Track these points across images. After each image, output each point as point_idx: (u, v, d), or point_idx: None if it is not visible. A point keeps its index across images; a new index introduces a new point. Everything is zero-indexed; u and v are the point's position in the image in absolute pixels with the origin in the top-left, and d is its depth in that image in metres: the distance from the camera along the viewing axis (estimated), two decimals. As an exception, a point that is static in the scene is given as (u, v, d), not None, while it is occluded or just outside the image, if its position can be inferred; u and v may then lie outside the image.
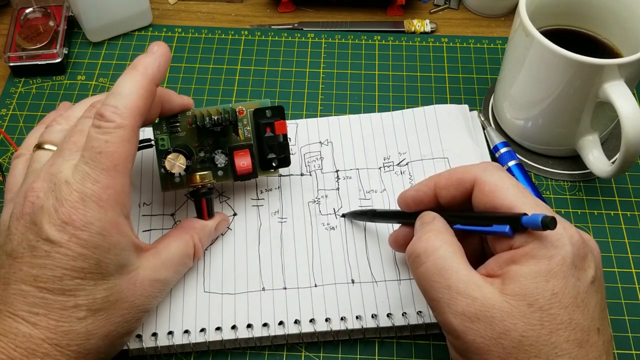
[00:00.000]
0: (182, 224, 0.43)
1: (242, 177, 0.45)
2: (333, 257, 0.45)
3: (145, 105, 0.38)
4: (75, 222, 0.35)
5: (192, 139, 0.44)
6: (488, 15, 0.63)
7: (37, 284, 0.35)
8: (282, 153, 0.45)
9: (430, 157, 0.50)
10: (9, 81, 0.58)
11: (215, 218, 0.45)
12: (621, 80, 0.44)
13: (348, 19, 0.63)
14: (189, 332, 0.42)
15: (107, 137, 0.36)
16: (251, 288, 0.44)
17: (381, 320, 0.42)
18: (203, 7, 0.64)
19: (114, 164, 0.36)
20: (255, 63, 0.59)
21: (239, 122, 0.45)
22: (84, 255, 0.35)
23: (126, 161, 0.37)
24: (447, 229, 0.37)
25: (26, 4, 0.59)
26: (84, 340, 0.35)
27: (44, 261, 0.34)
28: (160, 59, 0.39)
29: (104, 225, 0.35)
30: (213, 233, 0.44)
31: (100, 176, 0.35)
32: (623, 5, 0.48)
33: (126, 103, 0.37)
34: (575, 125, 0.48)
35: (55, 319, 0.35)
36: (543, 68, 0.45)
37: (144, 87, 0.37)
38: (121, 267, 0.37)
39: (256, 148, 0.45)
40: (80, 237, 0.35)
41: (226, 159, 0.44)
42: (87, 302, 0.35)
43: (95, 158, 0.35)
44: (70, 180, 0.35)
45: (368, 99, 0.56)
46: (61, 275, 0.35)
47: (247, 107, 0.45)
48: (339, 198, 0.48)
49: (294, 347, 0.43)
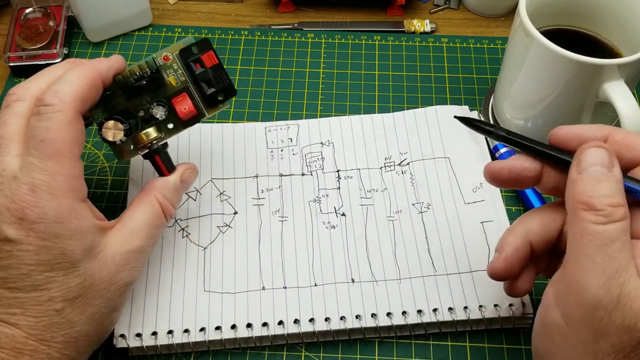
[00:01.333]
0: (144, 188, 0.41)
1: (189, 122, 0.43)
2: (333, 256, 0.45)
3: (88, 93, 0.37)
4: (29, 215, 0.34)
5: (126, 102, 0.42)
6: (488, 15, 0.63)
7: (7, 285, 0.34)
8: (220, 83, 0.43)
9: (431, 157, 0.50)
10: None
11: (177, 171, 0.42)
12: (621, 80, 0.44)
13: (348, 19, 0.63)
14: (188, 332, 0.42)
15: (47, 124, 0.35)
16: (251, 287, 0.44)
17: (381, 320, 0.42)
18: (203, 7, 0.64)
19: (58, 150, 0.35)
20: (255, 63, 0.59)
21: (169, 69, 0.42)
22: (46, 247, 0.34)
23: (71, 145, 0.36)
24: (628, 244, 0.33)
25: (26, 4, 0.59)
26: (68, 330, 0.35)
27: (8, 262, 0.34)
28: (113, 62, 0.40)
29: (59, 213, 0.35)
30: (180, 186, 0.42)
31: (46, 164, 0.35)
32: (623, 5, 0.48)
33: (68, 88, 0.36)
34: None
35: (33, 316, 0.34)
36: (543, 68, 0.45)
37: (89, 77, 0.38)
38: (88, 251, 0.36)
39: (196, 89, 0.43)
40: (37, 229, 0.34)
41: (165, 109, 0.42)
42: (61, 293, 0.35)
43: (38, 147, 0.35)
44: (17, 175, 0.35)
45: (368, 99, 0.56)
46: (28, 272, 0.34)
47: (172, 50, 0.43)
48: (340, 197, 0.48)
49: (294, 347, 0.43)
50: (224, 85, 0.43)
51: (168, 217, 0.41)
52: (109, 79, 0.40)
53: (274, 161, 0.50)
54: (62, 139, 0.35)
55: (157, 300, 0.43)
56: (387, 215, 0.47)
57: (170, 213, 0.41)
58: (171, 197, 0.41)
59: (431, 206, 0.47)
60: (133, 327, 0.42)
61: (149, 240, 0.39)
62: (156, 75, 0.42)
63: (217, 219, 0.47)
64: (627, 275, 0.30)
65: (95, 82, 0.38)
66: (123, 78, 0.41)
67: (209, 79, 0.42)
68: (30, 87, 0.38)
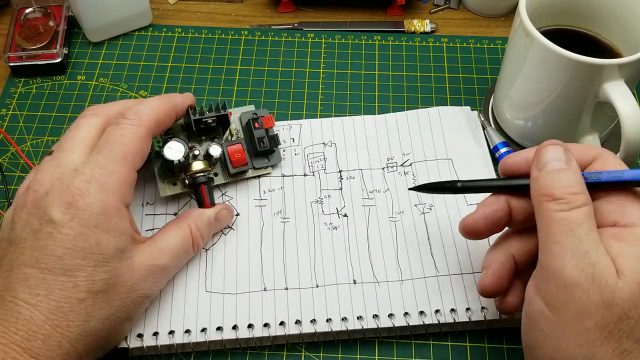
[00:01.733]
0: (181, 214, 0.45)
1: (237, 170, 0.47)
2: (335, 257, 0.45)
3: (164, 119, 0.43)
4: (78, 202, 0.37)
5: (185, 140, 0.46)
6: (488, 15, 0.63)
7: (38, 266, 0.36)
8: (273, 144, 0.48)
9: (433, 158, 0.50)
10: (9, 81, 0.58)
11: (215, 207, 0.45)
12: (621, 80, 0.44)
13: (348, 19, 0.63)
14: (189, 332, 0.42)
15: (122, 132, 0.40)
16: (253, 288, 0.44)
17: (382, 321, 0.42)
18: (203, 7, 0.64)
19: (124, 154, 0.39)
20: (255, 63, 0.59)
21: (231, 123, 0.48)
22: (84, 235, 0.36)
23: (135, 155, 0.40)
24: None
25: (26, 4, 0.59)
26: (83, 322, 0.36)
27: (46, 242, 0.36)
28: (187, 99, 0.46)
29: (105, 206, 0.37)
30: (213, 222, 0.45)
31: (109, 162, 0.38)
32: (623, 5, 0.48)
33: (147, 110, 0.41)
34: (575, 125, 0.48)
35: (55, 300, 0.36)
36: (543, 68, 0.45)
37: (166, 106, 0.43)
38: (120, 252, 0.38)
39: (247, 144, 0.48)
40: (81, 216, 0.36)
41: (221, 150, 0.46)
42: (87, 284, 0.36)
43: (107, 146, 0.39)
44: (79, 168, 0.38)
45: (368, 99, 0.56)
46: (62, 255, 0.36)
47: (234, 112, 0.49)
48: (342, 198, 0.48)
49: (294, 347, 0.43)
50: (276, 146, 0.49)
51: (195, 247, 0.43)
52: (183, 111, 0.45)
53: (275, 161, 0.50)
54: (131, 147, 0.39)
55: (159, 300, 0.43)
56: (389, 216, 0.47)
57: (198, 243, 0.44)
58: (202, 229, 0.44)
59: (433, 207, 0.47)
60: (134, 327, 0.42)
61: (173, 262, 0.42)
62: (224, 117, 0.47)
63: (219, 219, 0.47)
64: (597, 254, 0.32)
65: (171, 111, 0.43)
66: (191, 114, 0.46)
67: (263, 137, 0.48)
68: (105, 108, 0.43)
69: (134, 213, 0.47)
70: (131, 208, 0.46)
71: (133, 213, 0.47)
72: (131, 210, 0.46)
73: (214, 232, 0.45)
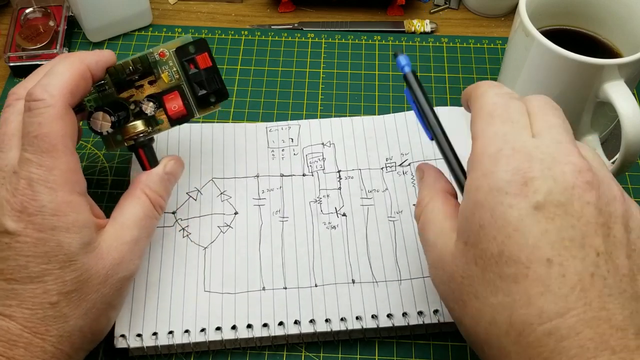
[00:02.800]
0: (131, 183, 0.42)
1: (178, 121, 0.44)
2: (334, 257, 0.45)
3: (77, 85, 0.38)
4: (28, 208, 0.35)
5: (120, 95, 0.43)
6: (488, 15, 0.63)
7: (4, 277, 0.35)
8: (213, 86, 0.43)
9: (432, 158, 0.50)
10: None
11: (160, 163, 0.43)
12: (621, 80, 0.44)
13: (348, 19, 0.63)
14: (189, 332, 0.42)
15: (39, 119, 0.36)
16: (251, 288, 0.44)
17: (381, 321, 0.42)
18: (203, 7, 0.64)
19: (52, 145, 0.36)
20: (255, 63, 0.59)
21: (164, 65, 0.43)
22: (43, 240, 0.35)
23: (65, 139, 0.36)
24: (437, 180, 0.38)
25: (26, 4, 0.59)
26: (62, 324, 0.36)
27: (7, 253, 0.35)
28: (101, 55, 0.40)
29: (56, 206, 0.35)
30: (165, 177, 0.42)
31: (42, 159, 0.36)
32: (623, 5, 0.48)
33: (56, 82, 0.37)
34: (575, 125, 0.48)
35: (28, 308, 0.35)
36: (543, 68, 0.45)
37: (77, 69, 0.38)
38: (85, 245, 0.36)
39: (189, 89, 0.44)
40: (35, 222, 0.35)
41: (155, 105, 0.43)
42: (57, 286, 0.35)
43: (32, 143, 0.36)
44: (17, 170, 0.36)
45: (368, 99, 0.56)
46: (25, 264, 0.35)
47: (169, 47, 0.43)
48: (341, 197, 0.48)
49: (294, 347, 0.43)
50: (216, 88, 0.43)
51: (158, 208, 0.42)
52: (99, 71, 0.40)
53: (274, 161, 0.50)
54: (55, 134, 0.36)
55: (158, 300, 0.43)
56: (388, 216, 0.47)
57: (160, 204, 0.42)
58: (157, 189, 0.42)
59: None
60: (133, 328, 0.42)
61: (141, 231, 0.40)
62: (149, 71, 0.42)
63: (218, 219, 0.47)
64: None
65: (83, 73, 0.38)
66: (116, 70, 0.42)
67: (202, 81, 0.43)
68: (28, 86, 0.38)
69: None
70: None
71: None
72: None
73: (170, 186, 0.43)
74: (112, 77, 0.42)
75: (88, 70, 0.39)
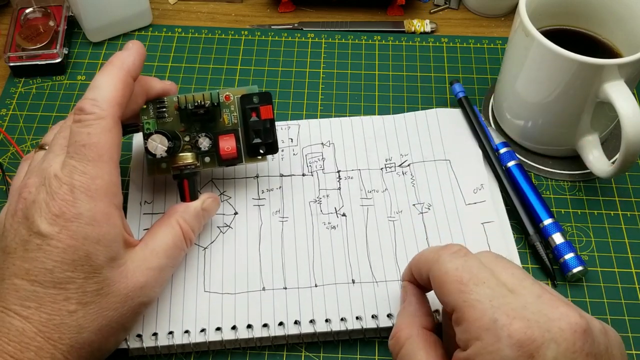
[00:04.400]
0: (167, 212, 0.43)
1: (226, 162, 0.45)
2: (334, 257, 0.45)
3: (123, 96, 0.39)
4: (65, 214, 0.35)
5: (178, 124, 0.45)
6: (488, 15, 0.63)
7: (28, 277, 0.35)
8: (268, 138, 0.45)
9: (432, 159, 0.50)
10: (9, 81, 0.58)
11: (199, 198, 0.44)
12: (621, 80, 0.44)
13: (348, 19, 0.63)
14: (189, 332, 0.42)
15: (88, 130, 0.37)
16: (251, 288, 0.44)
17: (381, 321, 0.42)
18: (203, 7, 0.64)
19: (99, 155, 0.37)
20: (255, 63, 0.59)
21: (226, 108, 0.45)
22: (73, 247, 0.35)
23: (110, 151, 0.38)
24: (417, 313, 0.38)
25: (26, 4, 0.59)
26: (75, 334, 0.36)
27: (36, 254, 0.35)
28: (135, 54, 0.41)
29: (94, 215, 0.36)
30: (201, 213, 0.44)
31: (86, 168, 0.36)
32: (623, 5, 0.48)
33: (104, 95, 0.38)
34: (575, 125, 0.48)
35: (46, 313, 0.35)
36: (543, 68, 0.45)
37: (120, 79, 0.39)
38: (111, 260, 0.37)
39: (243, 134, 0.45)
40: (70, 228, 0.35)
41: (210, 142, 0.44)
42: (78, 295, 0.36)
43: (79, 151, 0.37)
44: (59, 174, 0.36)
45: (368, 99, 0.56)
46: (52, 268, 0.35)
47: (235, 93, 0.45)
48: (340, 197, 0.48)
49: (294, 347, 0.43)
50: (271, 141, 0.45)
51: (188, 241, 0.42)
52: (137, 71, 0.41)
53: (274, 161, 0.50)
54: (103, 145, 0.37)
55: (158, 301, 0.43)
56: (387, 216, 0.47)
57: (190, 237, 0.43)
58: (192, 222, 0.43)
59: (432, 207, 0.47)
60: (133, 328, 0.42)
61: (169, 260, 0.41)
62: (213, 109, 0.44)
63: (218, 219, 0.47)
64: None
65: (127, 82, 0.40)
66: (183, 101, 0.44)
67: (259, 130, 0.45)
68: None
69: (132, 212, 0.47)
70: (129, 207, 0.47)
71: (131, 212, 0.47)
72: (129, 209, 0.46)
73: (203, 223, 0.45)
74: (179, 106, 0.44)
75: (130, 76, 0.40)
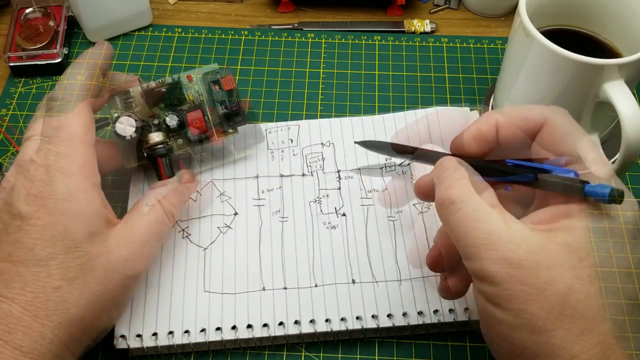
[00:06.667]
0: (145, 192, 0.44)
1: (198, 138, 0.46)
2: (334, 257, 0.45)
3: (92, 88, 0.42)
4: (42, 193, 0.37)
5: (146, 111, 0.46)
6: (488, 15, 0.63)
7: (11, 260, 0.36)
8: (233, 106, 0.46)
9: (431, 159, 0.50)
10: (9, 81, 0.58)
11: (176, 175, 0.45)
12: (621, 80, 0.44)
13: (348, 19, 0.63)
14: (189, 332, 0.42)
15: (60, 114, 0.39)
16: (251, 288, 0.44)
17: (381, 321, 0.42)
18: (203, 7, 0.64)
19: (70, 134, 0.39)
20: (255, 63, 0.59)
21: (190, 89, 0.46)
22: (51, 223, 0.36)
23: (83, 130, 0.39)
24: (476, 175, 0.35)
25: (26, 4, 0.59)
26: (63, 310, 0.36)
27: (17, 235, 0.36)
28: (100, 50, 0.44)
29: (69, 191, 0.37)
30: (179, 188, 0.44)
31: (60, 148, 0.38)
32: (623, 5, 0.48)
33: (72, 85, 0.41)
34: (575, 125, 0.48)
35: (31, 291, 0.35)
36: (543, 68, 0.45)
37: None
38: (92, 235, 0.37)
39: (210, 111, 0.47)
40: (46, 205, 0.36)
41: (178, 119, 0.45)
42: (61, 272, 0.36)
43: (52, 133, 0.38)
44: (34, 158, 0.38)
45: (368, 99, 0.56)
46: (32, 246, 0.36)
47: (197, 74, 0.47)
48: (341, 197, 0.48)
49: (294, 347, 0.43)
50: (236, 108, 0.47)
51: (169, 216, 0.43)
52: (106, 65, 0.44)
53: (274, 162, 0.50)
54: (74, 124, 0.39)
55: (158, 300, 0.43)
56: (387, 216, 0.47)
57: (172, 212, 0.43)
58: (171, 198, 0.43)
59: (432, 206, 0.47)
60: (133, 328, 0.42)
61: (151, 235, 0.41)
62: (179, 92, 0.46)
63: (218, 219, 0.47)
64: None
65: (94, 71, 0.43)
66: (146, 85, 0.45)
67: (224, 100, 0.46)
68: None
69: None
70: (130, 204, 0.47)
71: None
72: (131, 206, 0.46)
73: (185, 198, 0.45)
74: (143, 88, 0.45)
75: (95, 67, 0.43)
